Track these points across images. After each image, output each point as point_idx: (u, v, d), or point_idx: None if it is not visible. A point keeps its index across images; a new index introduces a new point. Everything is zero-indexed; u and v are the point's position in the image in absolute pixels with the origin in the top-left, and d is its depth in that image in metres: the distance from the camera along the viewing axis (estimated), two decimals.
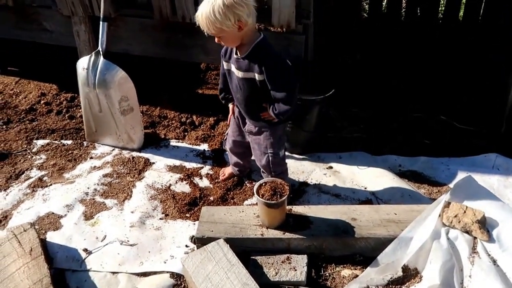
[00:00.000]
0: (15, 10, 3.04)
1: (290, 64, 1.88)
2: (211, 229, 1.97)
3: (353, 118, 3.02)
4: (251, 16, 1.74)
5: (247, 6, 1.71)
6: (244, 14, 1.71)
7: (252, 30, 1.82)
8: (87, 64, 2.56)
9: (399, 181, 2.50)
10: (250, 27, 1.78)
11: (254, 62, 1.84)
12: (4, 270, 1.90)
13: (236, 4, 1.68)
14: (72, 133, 2.90)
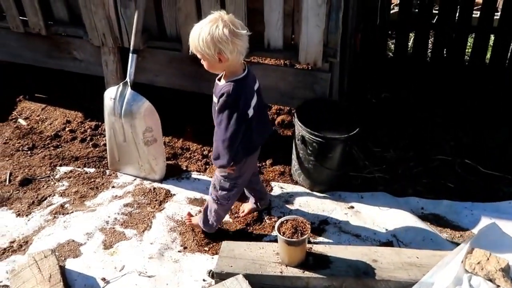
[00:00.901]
0: (48, 39, 3.29)
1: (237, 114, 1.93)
2: (231, 264, 2.06)
3: (375, 158, 3.11)
4: (235, 53, 1.85)
5: (233, 44, 1.82)
6: (227, 50, 1.82)
7: (235, 65, 1.94)
8: (114, 94, 2.75)
9: (421, 224, 2.57)
10: (233, 63, 1.91)
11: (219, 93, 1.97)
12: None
13: (221, 39, 1.80)
14: (95, 161, 3.06)
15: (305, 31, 2.59)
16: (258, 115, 2.09)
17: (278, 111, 3.53)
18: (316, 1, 2.50)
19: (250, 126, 2.04)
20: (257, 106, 2.07)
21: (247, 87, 2.00)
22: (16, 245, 2.43)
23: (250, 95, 2.02)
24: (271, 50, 2.80)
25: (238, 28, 1.83)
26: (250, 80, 2.02)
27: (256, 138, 2.15)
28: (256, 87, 2.11)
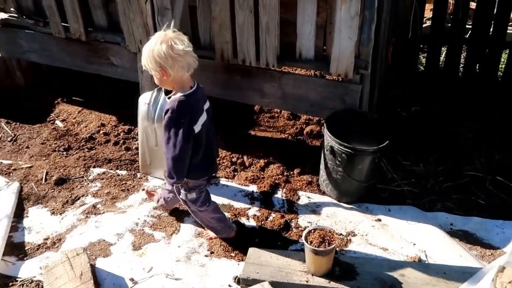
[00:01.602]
0: (87, 45, 3.40)
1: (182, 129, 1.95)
2: (257, 271, 2.07)
3: (404, 171, 3.07)
4: (175, 69, 1.91)
5: (172, 59, 1.88)
6: (167, 65, 1.89)
7: (181, 81, 2.00)
8: (149, 99, 2.81)
9: (450, 240, 2.52)
10: (177, 78, 1.97)
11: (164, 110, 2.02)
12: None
13: (160, 55, 1.87)
14: (127, 164, 3.13)
15: (337, 42, 2.60)
16: (206, 137, 2.11)
17: (307, 121, 3.54)
18: (349, 13, 2.51)
19: (200, 143, 2.06)
20: (206, 126, 2.10)
21: (194, 103, 2.03)
22: (49, 242, 2.51)
23: (198, 111, 2.05)
24: (302, 61, 2.82)
25: (177, 44, 1.89)
26: (198, 97, 2.06)
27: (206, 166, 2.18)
28: (206, 106, 2.15)
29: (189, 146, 1.99)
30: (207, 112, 2.12)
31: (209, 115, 2.16)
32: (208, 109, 2.15)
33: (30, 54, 3.69)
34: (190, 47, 1.95)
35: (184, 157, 1.99)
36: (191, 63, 1.97)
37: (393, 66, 3.79)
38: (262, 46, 2.78)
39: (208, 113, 2.14)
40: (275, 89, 2.99)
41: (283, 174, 3.04)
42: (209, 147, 2.15)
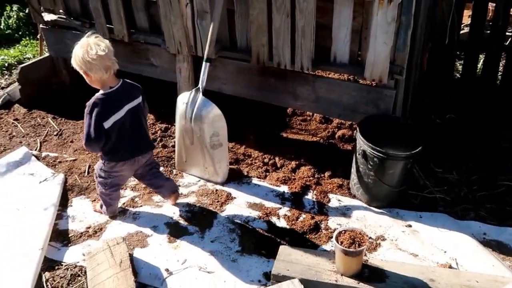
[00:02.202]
0: (129, 46, 3.55)
1: (93, 122, 2.22)
2: (287, 268, 2.12)
3: (437, 178, 3.06)
4: (95, 72, 2.17)
5: (90, 64, 2.16)
6: (87, 69, 2.18)
7: (102, 81, 2.24)
8: (187, 99, 2.92)
9: (483, 250, 2.49)
10: (97, 79, 2.22)
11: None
12: (98, 276, 2.19)
13: (78, 59, 2.16)
14: (164, 160, 3.25)
15: (373, 47, 2.62)
16: (122, 131, 2.33)
17: (339, 125, 3.57)
18: (386, 18, 2.52)
19: (110, 137, 2.31)
20: (124, 123, 2.32)
21: (110, 102, 2.25)
22: (91, 230, 2.64)
23: (113, 109, 2.26)
24: (337, 65, 2.85)
25: (92, 50, 2.14)
26: (119, 96, 2.29)
27: (122, 152, 2.41)
28: (131, 106, 2.34)
29: (97, 136, 2.25)
30: (131, 110, 2.35)
31: (133, 112, 2.37)
32: (134, 107, 2.37)
33: None
34: (106, 51, 2.18)
35: (91, 143, 2.28)
36: (109, 66, 2.20)
37: (429, 73, 3.76)
38: (297, 49, 2.83)
39: (132, 111, 2.35)
40: (309, 92, 3.04)
41: (314, 176, 3.08)
42: (123, 140, 2.37)
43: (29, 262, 2.35)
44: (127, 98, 2.34)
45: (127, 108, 2.33)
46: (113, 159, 2.43)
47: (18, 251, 2.45)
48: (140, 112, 2.43)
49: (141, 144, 2.50)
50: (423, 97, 3.68)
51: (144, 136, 2.52)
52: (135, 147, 2.46)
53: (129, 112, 2.34)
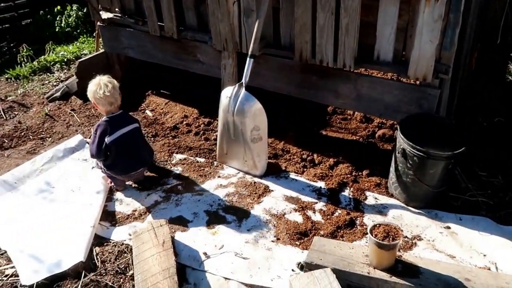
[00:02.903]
0: (177, 42, 3.71)
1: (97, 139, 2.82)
2: (320, 258, 2.16)
3: (480, 182, 2.98)
4: (102, 105, 2.81)
5: (98, 100, 2.79)
6: (96, 102, 2.82)
7: (107, 111, 2.85)
8: (230, 93, 3.02)
9: None
10: (104, 110, 2.85)
11: None
12: (142, 253, 2.34)
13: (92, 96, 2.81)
14: (206, 152, 3.38)
15: (417, 45, 2.61)
16: (121, 149, 2.85)
17: (380, 124, 3.55)
18: (432, 16, 2.51)
19: (110, 151, 2.84)
20: (121, 141, 2.84)
21: (112, 123, 2.83)
22: (137, 213, 2.81)
23: (114, 129, 2.83)
24: (380, 63, 2.85)
25: (101, 90, 2.75)
26: (118, 120, 2.87)
27: (122, 166, 2.90)
28: (129, 129, 2.89)
29: (96, 148, 2.83)
30: (129, 133, 2.89)
31: (130, 134, 2.89)
32: (130, 130, 2.90)
33: (128, 50, 4.10)
34: (111, 91, 2.77)
35: (95, 153, 2.85)
36: (113, 102, 2.81)
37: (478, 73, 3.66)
38: (340, 47, 2.86)
39: (130, 133, 2.89)
40: (350, 90, 3.06)
41: (352, 174, 3.09)
42: (122, 157, 2.87)
43: (82, 236, 2.56)
44: (125, 122, 2.89)
45: (125, 130, 2.87)
46: (113, 172, 2.95)
47: (73, 226, 2.68)
48: (136, 135, 2.94)
49: (140, 161, 2.97)
50: (471, 98, 3.58)
51: (142, 154, 2.99)
52: (130, 165, 2.92)
53: (127, 133, 2.87)
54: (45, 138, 3.71)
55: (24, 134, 3.76)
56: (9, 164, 3.34)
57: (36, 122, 3.91)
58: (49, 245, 2.56)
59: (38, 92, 4.43)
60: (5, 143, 3.65)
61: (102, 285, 2.28)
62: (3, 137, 3.71)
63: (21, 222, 2.76)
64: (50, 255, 2.48)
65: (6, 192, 3.01)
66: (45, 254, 2.50)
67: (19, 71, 4.84)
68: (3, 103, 4.26)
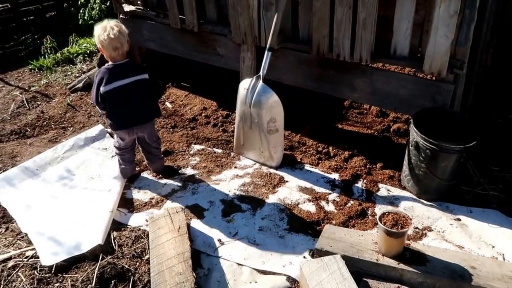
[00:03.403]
0: (198, 35, 3.86)
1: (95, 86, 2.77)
2: (330, 244, 2.28)
3: (492, 176, 3.05)
4: (106, 49, 2.70)
5: (100, 42, 2.68)
6: (101, 46, 2.71)
7: (112, 57, 2.75)
8: (248, 85, 3.16)
9: None
10: (107, 54, 2.75)
11: None
12: (158, 238, 2.50)
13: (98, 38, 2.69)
14: (223, 143, 3.53)
15: (433, 40, 2.69)
16: (116, 101, 2.79)
17: (395, 119, 3.64)
18: (448, 11, 2.59)
19: (106, 102, 2.80)
20: (119, 94, 2.76)
21: (111, 74, 2.74)
22: (154, 201, 2.97)
23: (111, 79, 2.73)
24: (396, 57, 2.94)
25: (106, 32, 2.65)
26: (120, 70, 2.75)
27: (117, 120, 2.86)
28: (129, 81, 2.77)
29: (95, 96, 2.80)
30: (129, 85, 2.77)
31: (131, 87, 2.79)
32: (132, 83, 2.78)
33: (150, 43, 4.27)
34: (117, 34, 2.66)
35: (93, 100, 2.86)
36: (118, 47, 2.70)
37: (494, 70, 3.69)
38: (357, 41, 2.96)
39: (131, 85, 2.78)
40: (366, 84, 3.16)
41: (366, 167, 3.20)
42: (117, 110, 2.83)
43: (100, 221, 2.74)
44: (127, 73, 2.78)
45: (124, 82, 2.77)
46: (111, 126, 2.94)
47: (92, 211, 2.86)
48: (138, 88, 2.82)
49: (135, 117, 2.88)
50: (488, 94, 3.63)
51: (140, 111, 2.88)
52: (128, 119, 2.87)
53: (126, 86, 2.77)
54: (66, 127, 3.92)
55: (47, 124, 3.98)
56: (31, 151, 3.54)
57: (58, 112, 4.12)
58: (68, 228, 2.74)
59: (61, 83, 4.65)
60: (27, 132, 3.87)
61: (118, 267, 2.44)
62: (26, 126, 3.93)
63: (41, 207, 2.95)
64: (69, 238, 2.66)
65: (27, 178, 3.21)
66: (64, 237, 2.68)
67: (43, 62, 5.08)
68: (26, 93, 4.48)
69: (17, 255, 2.59)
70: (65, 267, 2.51)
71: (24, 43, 5.90)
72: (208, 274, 2.43)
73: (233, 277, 2.39)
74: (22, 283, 2.42)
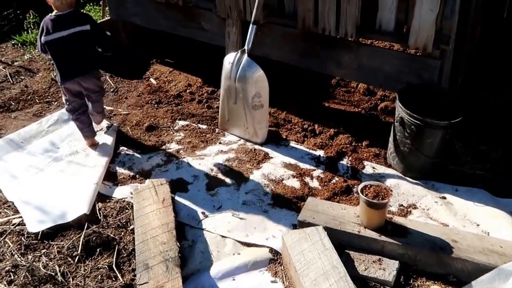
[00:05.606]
0: (182, 10, 3.80)
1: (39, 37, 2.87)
2: (313, 216, 2.30)
3: (480, 155, 3.07)
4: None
5: None
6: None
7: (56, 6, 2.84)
8: (233, 59, 3.13)
9: None
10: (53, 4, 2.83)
11: None
12: (142, 209, 2.51)
13: None
14: (208, 119, 3.52)
15: (418, 14, 2.68)
16: (57, 51, 2.88)
17: (383, 97, 3.65)
18: None
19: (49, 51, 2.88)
20: (61, 45, 2.85)
21: (54, 23, 2.83)
22: (138, 175, 2.98)
23: (52, 30, 2.83)
24: (382, 33, 2.93)
25: None
26: (61, 22, 2.84)
27: (62, 70, 2.93)
28: (70, 32, 2.85)
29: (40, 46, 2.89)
30: (69, 36, 2.86)
31: (72, 38, 2.87)
32: (72, 33, 2.87)
33: (134, 17, 4.21)
34: None
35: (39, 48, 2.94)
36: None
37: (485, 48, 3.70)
38: (342, 15, 2.94)
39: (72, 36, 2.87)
40: (351, 60, 3.15)
41: (351, 144, 3.21)
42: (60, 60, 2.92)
43: (86, 191, 2.76)
44: (68, 24, 2.86)
45: (65, 33, 2.85)
46: (59, 79, 2.99)
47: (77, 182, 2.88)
48: (81, 38, 2.90)
49: (78, 67, 2.97)
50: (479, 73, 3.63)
51: (83, 60, 2.97)
52: (73, 69, 2.96)
53: (66, 37, 2.85)
54: (51, 102, 3.87)
55: (31, 98, 3.93)
56: (16, 125, 3.51)
57: (42, 86, 4.07)
58: (54, 198, 2.76)
59: (44, 58, 4.57)
60: (12, 106, 3.82)
61: (104, 236, 2.46)
62: (10, 100, 3.88)
63: (26, 177, 2.96)
64: (55, 207, 2.68)
65: (12, 150, 3.21)
66: (50, 206, 2.70)
67: (26, 37, 4.99)
68: (10, 68, 4.41)
69: (4, 223, 2.63)
70: (51, 235, 2.55)
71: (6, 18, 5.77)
72: (192, 245, 2.44)
73: (217, 249, 2.41)
74: (10, 249, 2.46)
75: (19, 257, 2.39)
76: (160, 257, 2.23)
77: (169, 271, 2.16)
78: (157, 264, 2.20)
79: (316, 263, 2.03)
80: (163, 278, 2.13)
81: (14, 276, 2.29)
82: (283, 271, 2.25)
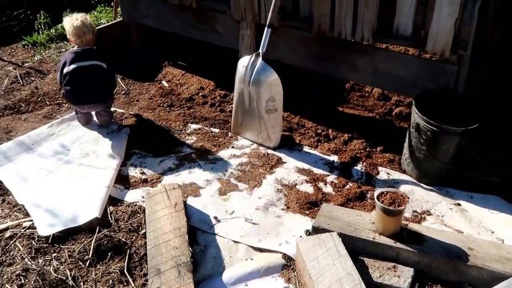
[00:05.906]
0: (196, 12, 3.87)
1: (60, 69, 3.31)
2: (328, 223, 2.34)
3: (495, 161, 3.09)
4: (70, 35, 3.29)
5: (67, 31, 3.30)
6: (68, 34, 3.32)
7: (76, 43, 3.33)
8: (247, 62, 3.18)
9: None
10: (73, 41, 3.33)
11: None
12: (155, 213, 2.55)
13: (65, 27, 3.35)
14: (220, 123, 3.57)
15: (437, 19, 2.71)
16: (73, 79, 3.26)
17: (397, 102, 3.68)
18: None
19: (66, 81, 3.27)
20: (77, 73, 3.24)
21: (73, 58, 3.26)
22: (150, 178, 3.02)
23: (73, 61, 3.25)
24: (399, 37, 2.97)
25: (72, 21, 3.24)
26: (81, 56, 3.27)
27: (72, 96, 3.33)
28: (88, 64, 3.27)
29: (60, 76, 3.30)
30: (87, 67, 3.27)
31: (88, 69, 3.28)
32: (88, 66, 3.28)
33: (146, 19, 4.28)
34: (79, 25, 3.23)
35: (58, 80, 3.39)
36: (80, 35, 3.26)
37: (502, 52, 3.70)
38: (359, 20, 2.98)
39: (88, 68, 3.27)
40: (367, 65, 3.18)
41: (365, 150, 3.24)
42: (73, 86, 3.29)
43: (97, 195, 2.80)
44: (87, 58, 3.28)
45: (84, 64, 3.26)
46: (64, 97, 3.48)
47: (88, 185, 2.92)
48: (94, 72, 3.30)
49: (85, 97, 3.34)
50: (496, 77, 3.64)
51: (90, 91, 3.32)
52: (79, 97, 3.34)
53: (84, 67, 3.26)
54: (61, 104, 3.95)
55: (41, 99, 4.01)
56: (26, 127, 3.58)
57: (53, 88, 4.14)
58: (65, 201, 2.80)
59: (55, 60, 4.66)
60: (22, 107, 3.90)
61: (115, 240, 2.50)
62: (20, 101, 3.96)
63: (37, 180, 3.01)
64: (66, 211, 2.72)
65: (23, 152, 3.26)
66: (61, 209, 2.74)
67: (36, 38, 5.08)
68: (20, 69, 4.50)
69: (14, 226, 2.66)
70: (62, 238, 2.57)
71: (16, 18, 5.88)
72: (204, 250, 2.48)
73: (229, 254, 2.45)
74: (20, 252, 2.48)
75: (30, 261, 2.42)
76: (172, 262, 2.27)
77: (181, 276, 2.20)
78: (169, 269, 2.24)
79: (330, 270, 2.06)
80: (175, 284, 2.16)
81: (24, 280, 2.32)
82: (296, 277, 2.29)
